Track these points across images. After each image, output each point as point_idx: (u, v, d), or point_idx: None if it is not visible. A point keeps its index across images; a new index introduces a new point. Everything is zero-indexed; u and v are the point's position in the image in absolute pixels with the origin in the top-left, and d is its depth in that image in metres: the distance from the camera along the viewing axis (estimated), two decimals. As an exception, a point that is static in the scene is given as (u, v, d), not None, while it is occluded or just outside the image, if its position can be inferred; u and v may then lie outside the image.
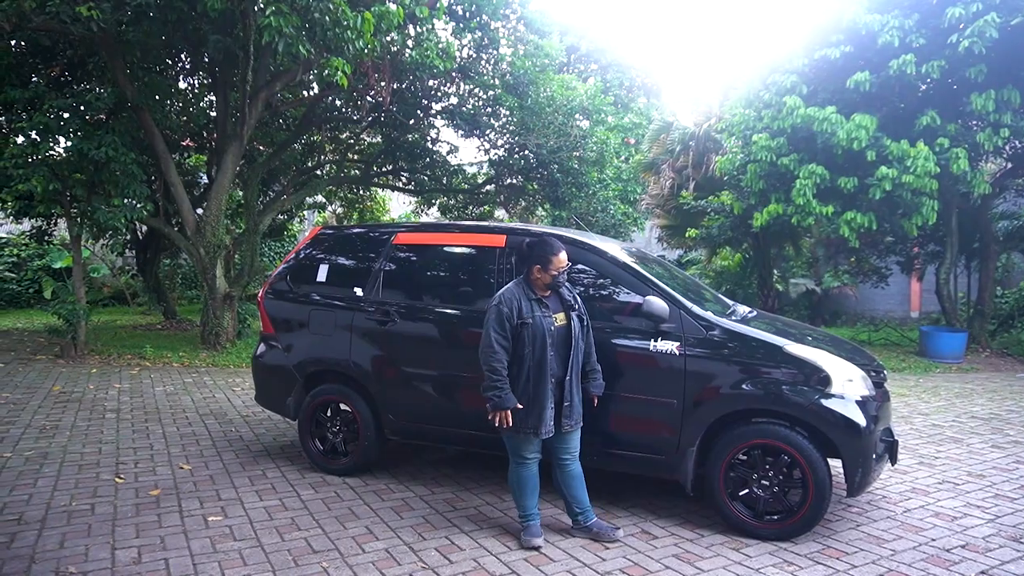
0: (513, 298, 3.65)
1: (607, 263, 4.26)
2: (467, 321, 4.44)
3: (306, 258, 5.17)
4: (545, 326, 3.61)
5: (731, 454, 3.82)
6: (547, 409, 3.57)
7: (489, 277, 4.49)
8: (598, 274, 4.28)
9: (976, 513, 4.18)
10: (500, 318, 3.62)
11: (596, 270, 4.29)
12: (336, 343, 4.80)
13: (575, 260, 4.29)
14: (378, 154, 15.42)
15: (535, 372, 3.58)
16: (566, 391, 3.63)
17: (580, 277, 4.33)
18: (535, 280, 3.73)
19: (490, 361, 3.60)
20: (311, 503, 4.30)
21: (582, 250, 4.32)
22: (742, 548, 3.66)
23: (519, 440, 3.67)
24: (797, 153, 10.52)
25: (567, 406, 3.63)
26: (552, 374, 3.59)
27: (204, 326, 11.09)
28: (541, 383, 3.57)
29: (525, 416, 3.59)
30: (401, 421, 4.63)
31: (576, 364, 3.66)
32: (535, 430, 3.58)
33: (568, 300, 3.77)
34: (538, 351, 3.58)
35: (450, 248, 4.76)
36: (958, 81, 9.28)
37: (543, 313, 3.65)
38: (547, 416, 3.57)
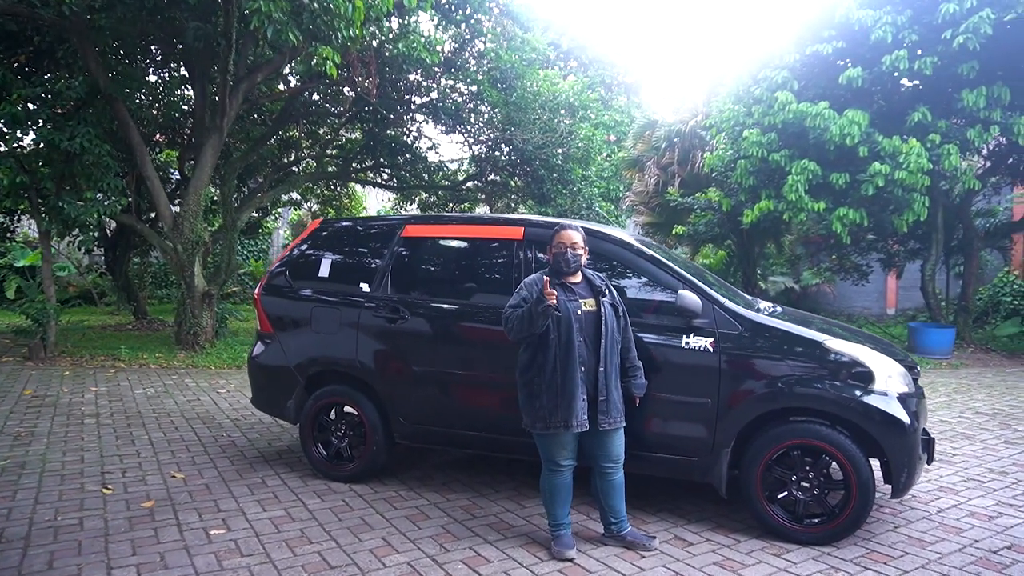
0: (535, 282, 3.50)
1: (634, 256, 4.05)
2: (484, 317, 4.21)
3: (306, 252, 4.88)
4: (571, 309, 3.40)
5: (768, 455, 3.64)
6: (578, 399, 3.33)
7: (507, 271, 4.26)
8: (624, 268, 4.08)
9: (1011, 512, 4.07)
10: (518, 297, 3.50)
11: (622, 264, 4.08)
12: (341, 342, 4.52)
13: (600, 253, 4.09)
14: (358, 149, 15.07)
15: (563, 358, 3.36)
16: (600, 384, 3.38)
17: (606, 271, 4.13)
18: (551, 263, 3.57)
19: (506, 318, 3.49)
20: (319, 513, 4.02)
21: (607, 243, 4.12)
22: (783, 554, 3.49)
23: (552, 441, 3.43)
24: (788, 149, 10.47)
25: (603, 401, 3.38)
26: (582, 362, 3.37)
27: (180, 326, 10.65)
28: (569, 370, 3.34)
29: (554, 408, 3.36)
30: (413, 424, 4.37)
31: (610, 354, 3.43)
32: (566, 422, 3.34)
33: (598, 286, 3.55)
34: (564, 335, 3.37)
35: (464, 241, 4.51)
36: (950, 77, 9.29)
37: (568, 297, 3.44)
38: (578, 407, 3.33)
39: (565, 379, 3.35)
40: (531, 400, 3.45)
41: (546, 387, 3.38)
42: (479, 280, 4.45)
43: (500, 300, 4.13)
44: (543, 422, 3.39)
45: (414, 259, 4.60)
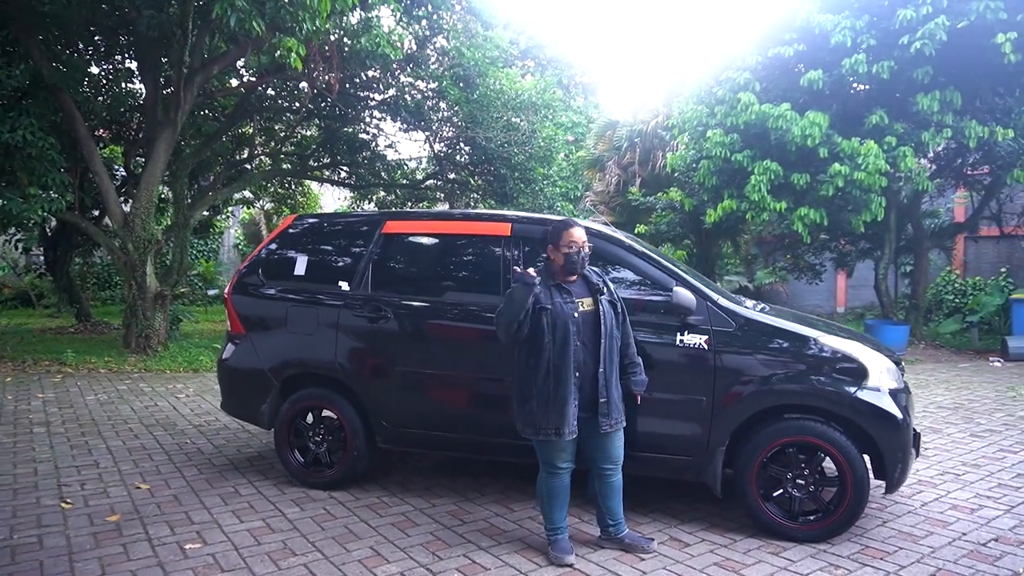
0: None
1: (625, 252, 3.99)
2: (471, 316, 4.08)
3: (280, 250, 4.66)
4: (567, 312, 3.26)
5: (764, 453, 3.62)
6: (569, 406, 3.20)
7: (493, 268, 4.14)
8: (615, 265, 4.01)
9: (990, 504, 4.16)
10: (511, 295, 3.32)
11: (613, 261, 4.01)
12: (319, 343, 4.33)
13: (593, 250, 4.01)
14: (315, 147, 14.72)
15: (556, 363, 3.22)
16: (600, 386, 3.26)
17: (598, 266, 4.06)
18: (552, 263, 3.41)
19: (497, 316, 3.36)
20: (300, 523, 3.83)
21: (599, 239, 4.03)
22: (781, 552, 3.47)
23: (549, 446, 3.32)
24: (750, 149, 10.61)
25: (603, 403, 3.26)
26: (577, 367, 3.23)
27: (129, 328, 10.17)
28: (563, 376, 3.20)
29: (545, 415, 3.23)
30: (396, 427, 4.22)
31: (610, 355, 3.30)
32: (557, 430, 3.21)
33: (596, 284, 3.41)
34: (559, 340, 3.23)
35: (448, 238, 4.37)
36: (905, 82, 9.55)
37: (564, 299, 3.30)
38: (569, 414, 3.20)
39: (558, 385, 3.22)
40: (523, 405, 3.33)
41: (537, 392, 3.25)
42: (465, 278, 4.33)
43: (487, 299, 4.05)
44: (534, 428, 3.28)
45: (396, 256, 4.44)
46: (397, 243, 4.43)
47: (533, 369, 3.28)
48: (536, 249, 4.13)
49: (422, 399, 4.17)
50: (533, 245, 4.13)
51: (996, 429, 6.04)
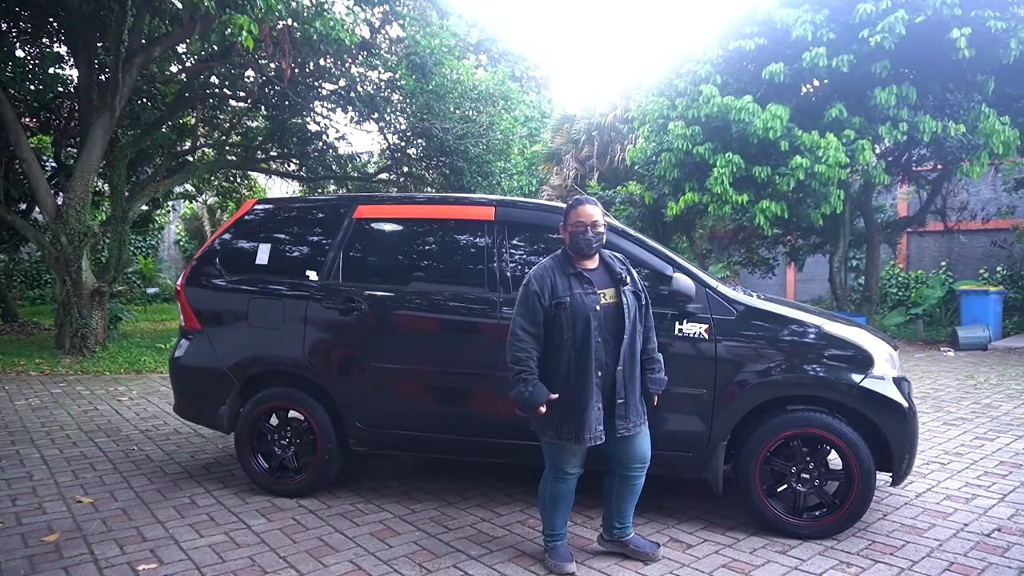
0: (545, 274, 2.99)
1: (619, 238, 3.75)
2: (452, 308, 3.80)
3: (238, 237, 4.27)
4: (588, 304, 2.93)
5: (767, 447, 3.45)
6: (591, 410, 2.91)
7: (476, 256, 3.87)
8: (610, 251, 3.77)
9: (983, 493, 4.10)
10: (528, 300, 2.98)
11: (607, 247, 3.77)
12: (285, 338, 3.97)
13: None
14: (263, 138, 14.10)
15: (576, 363, 2.91)
16: (618, 385, 2.95)
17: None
18: (565, 246, 3.09)
19: (514, 351, 2.96)
20: (268, 535, 3.48)
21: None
22: (788, 551, 3.30)
23: (562, 449, 3.01)
24: (712, 142, 10.58)
25: (621, 404, 2.95)
26: (599, 366, 2.92)
27: (62, 328, 9.49)
28: (584, 377, 2.90)
29: (563, 419, 2.93)
30: (370, 428, 3.90)
31: (631, 352, 3.00)
32: (577, 436, 2.92)
33: (618, 273, 3.07)
34: (580, 337, 2.91)
35: (426, 223, 4.06)
36: (864, 75, 9.64)
37: (584, 289, 2.96)
38: (592, 418, 2.91)
39: (579, 387, 2.90)
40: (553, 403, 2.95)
41: (559, 394, 2.94)
42: (445, 266, 4.03)
43: (469, 288, 3.79)
44: (553, 431, 2.97)
45: (369, 243, 4.11)
46: (370, 229, 4.10)
47: (553, 370, 2.94)
48: (521, 235, 3.89)
49: (399, 397, 3.86)
50: (518, 231, 3.88)
51: (967, 417, 6.07)
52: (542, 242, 3.92)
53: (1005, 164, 14.60)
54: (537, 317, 2.96)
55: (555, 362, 2.97)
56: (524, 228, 3.89)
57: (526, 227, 3.90)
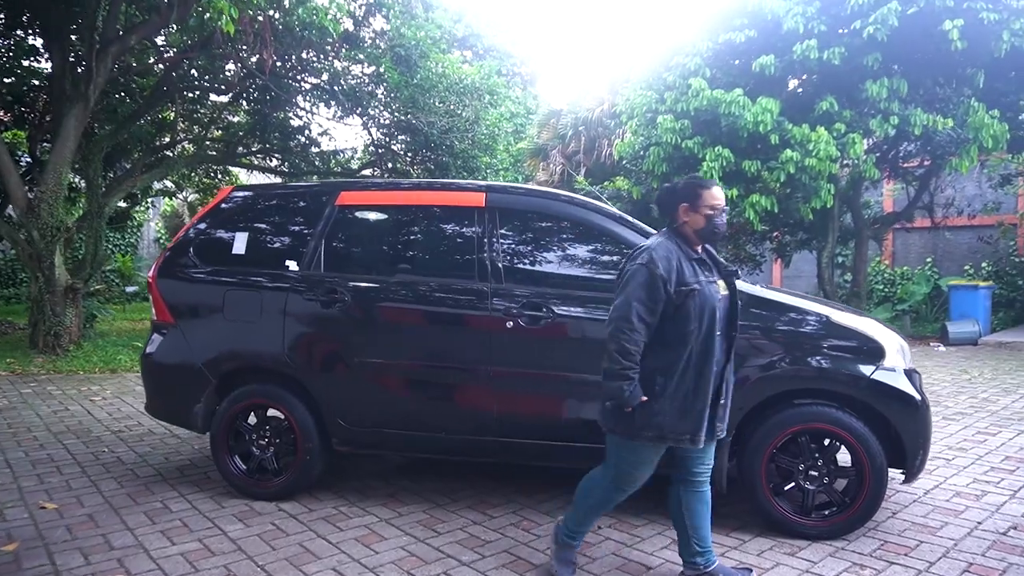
0: (671, 255, 2.58)
1: (613, 223, 3.56)
2: (440, 299, 3.60)
3: (214, 226, 4.04)
4: (713, 295, 2.60)
5: (773, 443, 3.28)
6: (707, 408, 2.59)
7: (466, 244, 3.68)
8: (601, 237, 3.59)
9: (992, 490, 3.96)
10: (653, 283, 2.52)
11: (597, 232, 3.59)
12: (263, 332, 3.75)
13: (570, 220, 3.62)
14: (245, 133, 13.79)
15: (699, 358, 2.57)
16: (725, 384, 2.68)
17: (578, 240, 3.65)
18: (685, 228, 2.68)
19: (623, 340, 2.51)
20: (246, 542, 3.26)
21: (581, 209, 3.62)
22: (797, 552, 3.13)
23: (647, 453, 2.66)
24: (701, 136, 10.45)
25: (722, 404, 2.67)
26: (716, 360, 2.60)
27: (36, 326, 9.15)
28: (705, 372, 2.57)
29: (680, 417, 2.56)
30: (355, 427, 3.68)
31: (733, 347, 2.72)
32: (692, 436, 2.57)
33: (725, 263, 2.79)
34: (705, 329, 2.56)
35: (413, 210, 3.86)
36: (855, 68, 9.55)
37: (708, 278, 2.62)
38: (707, 417, 2.59)
39: (699, 383, 2.57)
40: (644, 404, 2.56)
41: (672, 391, 2.56)
42: (432, 256, 3.83)
43: (458, 279, 3.60)
44: (657, 431, 2.57)
45: (353, 231, 3.90)
46: (354, 217, 3.89)
47: (670, 364, 2.57)
48: (513, 222, 3.69)
49: (384, 394, 3.66)
50: (510, 217, 3.68)
51: (966, 412, 5.96)
52: (536, 230, 3.74)
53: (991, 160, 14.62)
54: (657, 306, 2.54)
55: (672, 356, 2.57)
56: (517, 215, 3.70)
57: (519, 214, 3.70)
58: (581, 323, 3.45)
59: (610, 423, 2.64)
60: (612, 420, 2.63)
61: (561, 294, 3.49)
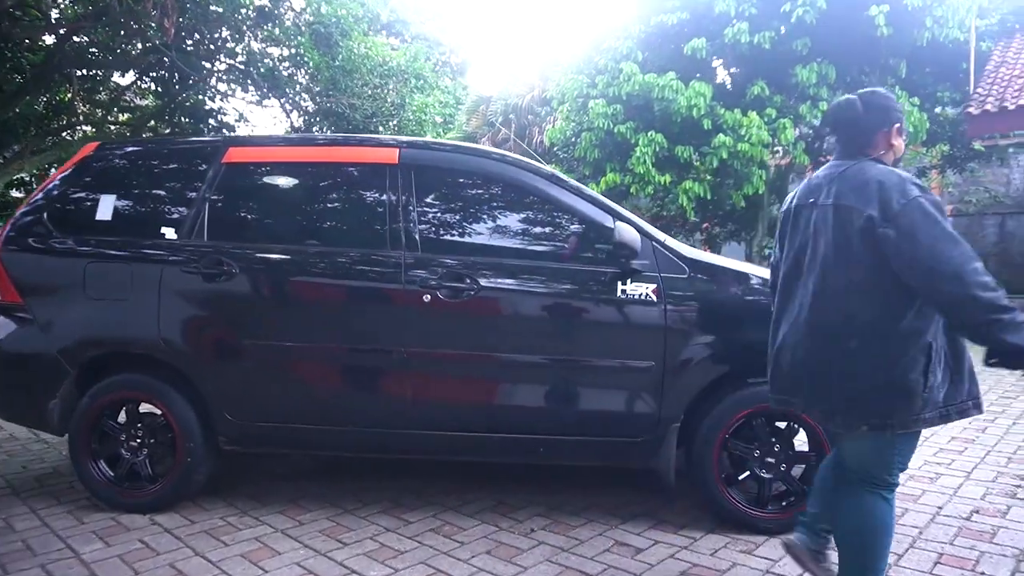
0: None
1: (551, 184, 3.13)
2: (345, 270, 3.09)
3: (75, 187, 3.38)
4: None
5: (726, 427, 2.92)
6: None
7: (376, 207, 3.18)
8: (538, 201, 3.16)
9: (946, 472, 3.73)
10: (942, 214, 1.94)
11: (534, 196, 3.15)
12: (134, 312, 3.14)
13: (502, 181, 3.17)
14: (152, 115, 12.78)
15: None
16: None
17: (513, 205, 3.21)
18: (887, 157, 2.12)
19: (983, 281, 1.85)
20: (101, 565, 2.66)
21: (514, 168, 3.18)
22: (755, 550, 2.78)
23: (914, 441, 2.11)
24: (634, 121, 10.23)
25: None
26: None
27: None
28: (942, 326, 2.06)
29: (959, 386, 2.02)
30: (246, 422, 3.12)
31: None
32: (975, 400, 2.04)
33: None
34: None
35: (314, 169, 3.32)
36: (786, 52, 9.51)
37: None
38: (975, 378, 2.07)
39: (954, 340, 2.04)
40: (920, 377, 1.95)
41: (935, 360, 1.98)
42: (337, 221, 3.31)
43: (366, 248, 3.10)
44: (941, 412, 1.99)
45: (243, 194, 3.33)
46: (244, 176, 3.31)
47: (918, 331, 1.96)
48: (434, 182, 3.22)
49: (281, 383, 3.12)
50: (429, 177, 3.20)
51: (904, 394, 5.84)
52: (460, 191, 3.27)
53: (907, 153, 15.07)
54: None
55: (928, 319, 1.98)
56: (437, 174, 3.22)
57: (440, 173, 3.23)
58: (512, 296, 3.01)
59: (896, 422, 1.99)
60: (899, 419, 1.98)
61: (488, 264, 3.04)
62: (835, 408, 2.08)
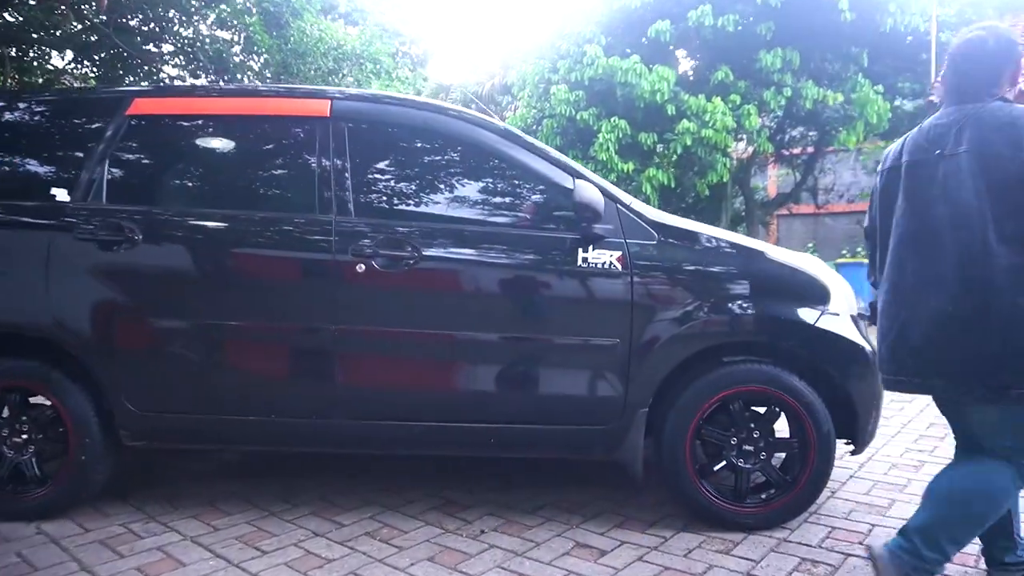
0: None
1: (501, 139, 2.77)
2: (266, 237, 2.69)
3: (-50, 145, 2.91)
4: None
5: (700, 412, 2.60)
6: None
7: (304, 166, 2.79)
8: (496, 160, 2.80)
9: (929, 459, 3.49)
10: None
11: (484, 153, 2.79)
12: (17, 287, 2.69)
13: (446, 135, 2.81)
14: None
15: None
16: None
17: (460, 163, 2.85)
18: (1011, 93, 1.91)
19: None
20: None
21: (460, 121, 2.81)
22: (733, 549, 2.47)
23: None
24: (596, 107, 9.95)
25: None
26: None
27: None
28: None
29: None
30: (151, 413, 2.70)
31: None
32: None
33: None
34: None
35: (232, 122, 2.89)
36: (750, 36, 9.31)
37: None
38: None
39: None
40: None
41: None
42: (257, 182, 2.91)
43: (291, 212, 2.73)
44: None
45: (150, 151, 2.89)
46: (151, 131, 2.87)
47: None
48: (371, 139, 2.83)
49: (191, 367, 2.69)
50: (366, 133, 2.81)
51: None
52: (400, 149, 2.90)
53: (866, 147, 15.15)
54: None
55: None
56: (375, 129, 2.84)
57: (378, 128, 2.84)
58: (458, 267, 2.64)
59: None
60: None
61: (432, 230, 2.67)
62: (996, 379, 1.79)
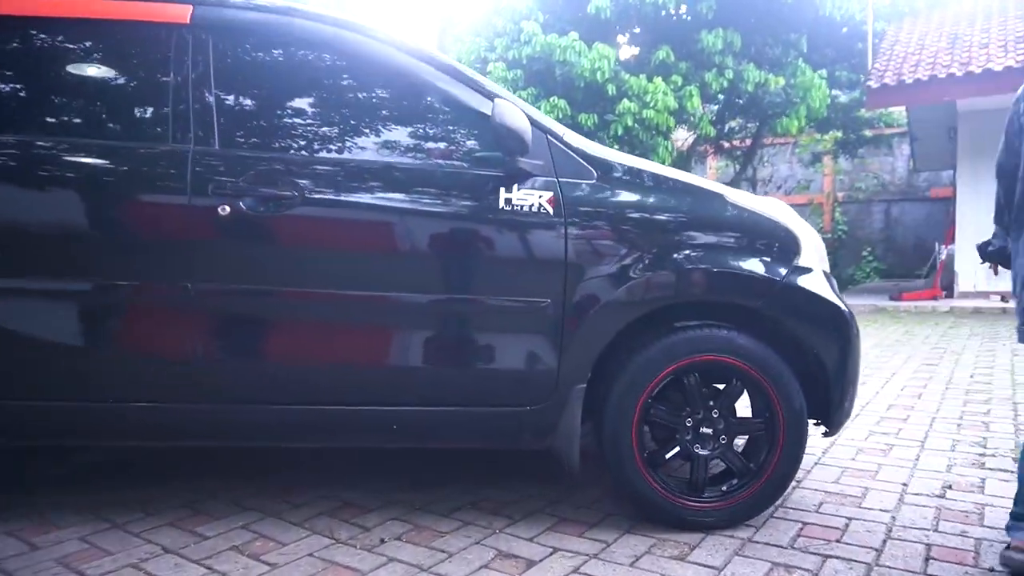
0: None
1: (410, 58, 2.24)
2: (109, 170, 2.10)
3: None
4: None
5: (648, 389, 2.14)
6: None
7: (156, 84, 2.19)
8: (391, 82, 2.27)
9: (896, 442, 3.14)
10: None
11: (386, 74, 2.26)
12: None
13: (339, 54, 2.27)
14: None
15: None
16: None
17: (358, 87, 2.31)
18: None
19: None
20: None
21: (355, 34, 2.27)
22: (689, 554, 2.01)
23: None
24: (535, 87, 9.51)
25: None
26: None
27: None
28: None
29: None
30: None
31: None
32: None
33: None
34: None
35: (71, 28, 2.26)
36: (693, 15, 9.05)
37: None
38: None
39: None
40: None
41: None
42: (100, 101, 2.30)
43: (139, 141, 2.14)
44: None
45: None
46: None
47: None
48: (240, 52, 2.27)
49: (17, 341, 2.07)
50: (234, 45, 2.24)
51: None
52: (280, 66, 2.33)
53: (802, 140, 15.25)
54: None
55: None
56: (246, 41, 2.27)
57: (250, 39, 2.27)
58: (350, 210, 2.11)
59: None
60: None
61: (315, 167, 2.13)
62: None
